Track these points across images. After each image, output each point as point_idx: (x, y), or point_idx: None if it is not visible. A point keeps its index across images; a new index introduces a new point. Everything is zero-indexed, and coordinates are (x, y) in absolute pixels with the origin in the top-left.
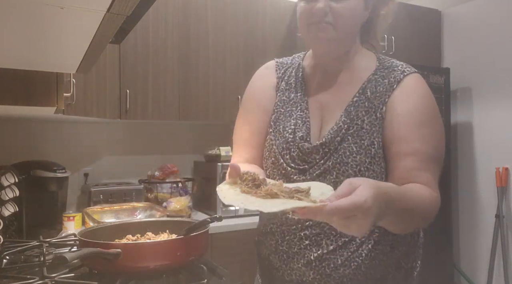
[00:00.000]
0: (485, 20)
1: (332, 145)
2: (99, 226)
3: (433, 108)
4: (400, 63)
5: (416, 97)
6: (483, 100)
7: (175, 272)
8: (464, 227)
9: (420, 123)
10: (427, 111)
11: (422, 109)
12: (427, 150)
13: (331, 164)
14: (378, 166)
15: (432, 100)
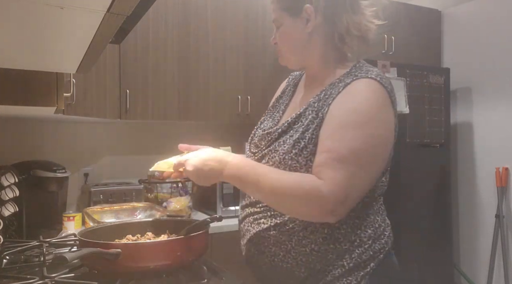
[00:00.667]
0: (485, 20)
1: (274, 135)
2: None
3: (367, 113)
4: (367, 70)
5: (351, 100)
6: (483, 100)
7: (175, 272)
8: (464, 227)
9: (344, 124)
10: (357, 115)
11: (352, 112)
12: (340, 150)
13: (267, 151)
14: (304, 158)
15: (370, 105)
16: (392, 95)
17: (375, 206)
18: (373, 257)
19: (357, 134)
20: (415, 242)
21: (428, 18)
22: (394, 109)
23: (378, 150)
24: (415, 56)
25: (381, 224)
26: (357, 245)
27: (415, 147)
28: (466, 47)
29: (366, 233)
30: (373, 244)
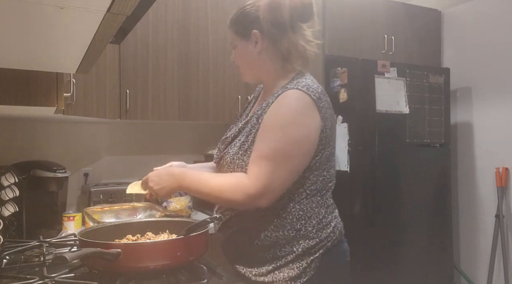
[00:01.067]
0: (485, 20)
1: (228, 139)
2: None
3: (288, 118)
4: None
5: (277, 107)
6: (483, 100)
7: (175, 272)
8: (464, 227)
9: (268, 127)
10: (279, 119)
11: (275, 117)
12: (262, 149)
13: (223, 153)
14: (248, 158)
15: (291, 111)
16: (320, 103)
17: (321, 200)
18: (320, 245)
19: (277, 135)
20: (415, 242)
21: (428, 18)
22: (320, 114)
23: (296, 149)
24: (415, 56)
25: (326, 215)
26: (303, 233)
27: (415, 147)
28: (466, 47)
29: (311, 223)
30: (318, 233)
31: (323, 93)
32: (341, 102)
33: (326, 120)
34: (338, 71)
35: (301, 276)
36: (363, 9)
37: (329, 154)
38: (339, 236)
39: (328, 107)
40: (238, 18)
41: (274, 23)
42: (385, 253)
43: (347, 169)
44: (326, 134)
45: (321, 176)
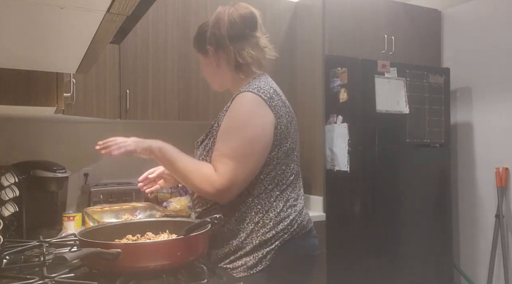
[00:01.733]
0: (485, 20)
1: (198, 143)
2: (99, 226)
3: (242, 119)
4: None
5: (231, 110)
6: (483, 100)
7: (175, 272)
8: (464, 227)
9: (226, 129)
10: (235, 121)
11: (231, 119)
12: (223, 149)
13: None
14: (210, 158)
15: (244, 112)
16: (271, 102)
17: (280, 195)
18: (277, 237)
19: (234, 136)
20: (415, 242)
21: (428, 18)
22: (273, 112)
23: (253, 148)
24: (415, 56)
25: (284, 209)
26: (260, 226)
27: (415, 147)
28: (466, 47)
29: (268, 217)
30: (276, 226)
31: (276, 93)
32: (341, 102)
33: (281, 118)
34: (338, 71)
35: (257, 265)
36: (363, 9)
37: (287, 149)
38: (297, 229)
39: (283, 105)
40: (197, 38)
41: (219, 38)
42: (385, 253)
43: (347, 169)
44: (281, 131)
45: (280, 170)
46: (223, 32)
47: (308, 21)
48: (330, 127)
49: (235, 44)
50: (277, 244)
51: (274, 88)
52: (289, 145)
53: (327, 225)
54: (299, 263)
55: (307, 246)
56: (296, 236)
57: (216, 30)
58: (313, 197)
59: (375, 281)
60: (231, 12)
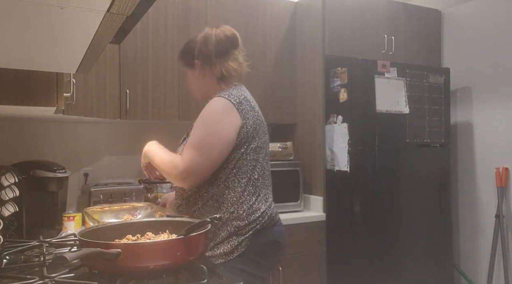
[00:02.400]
0: (485, 20)
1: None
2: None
3: (209, 117)
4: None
5: (202, 112)
6: (483, 100)
7: (175, 272)
8: (464, 227)
9: (195, 126)
10: (202, 119)
11: (200, 117)
12: (190, 141)
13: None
14: None
15: (211, 112)
16: (240, 106)
17: (252, 190)
18: (250, 227)
19: (200, 130)
20: (415, 242)
21: (428, 18)
22: (240, 115)
23: (215, 140)
24: (415, 56)
25: (256, 203)
26: (235, 215)
27: (415, 147)
28: (466, 47)
29: (242, 208)
30: (248, 216)
31: (246, 99)
32: (341, 102)
33: (248, 120)
34: (338, 71)
35: (233, 252)
36: (363, 9)
37: (255, 147)
38: (268, 220)
39: (251, 110)
40: (184, 53)
41: (206, 53)
42: (385, 253)
43: (347, 169)
44: (247, 130)
45: (251, 166)
46: (211, 49)
47: (308, 21)
48: (330, 127)
49: (220, 59)
50: (250, 233)
51: (245, 95)
52: (257, 143)
53: (327, 225)
54: (268, 248)
55: (274, 233)
56: (266, 226)
57: (204, 47)
58: (313, 197)
59: (375, 281)
60: (218, 33)
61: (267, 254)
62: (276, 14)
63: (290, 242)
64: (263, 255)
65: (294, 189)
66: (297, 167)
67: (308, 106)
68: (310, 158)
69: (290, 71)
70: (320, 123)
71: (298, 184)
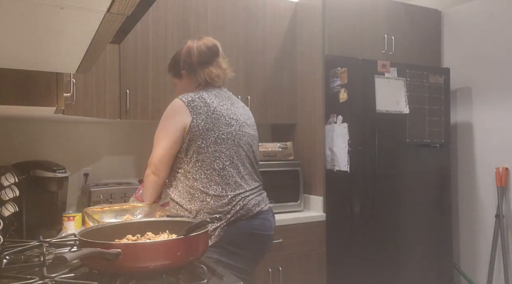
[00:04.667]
0: (485, 20)
1: None
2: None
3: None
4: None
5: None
6: (483, 100)
7: (175, 272)
8: (464, 227)
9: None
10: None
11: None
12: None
13: None
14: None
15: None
16: (191, 103)
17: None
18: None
19: (158, 128)
20: (415, 242)
21: (428, 18)
22: (190, 112)
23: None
24: (415, 56)
25: (224, 192)
26: (205, 204)
27: (415, 147)
28: (466, 47)
29: (209, 195)
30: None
31: (201, 98)
32: (341, 102)
33: (199, 115)
34: (338, 71)
35: None
36: (363, 9)
37: (215, 139)
38: (241, 211)
39: (204, 106)
40: (172, 65)
41: (191, 64)
42: (385, 253)
43: (347, 169)
44: (197, 124)
45: (213, 157)
46: (193, 59)
47: (308, 21)
48: (330, 127)
49: (203, 67)
50: (223, 222)
51: (203, 96)
52: (217, 135)
53: (327, 225)
54: (245, 239)
55: (251, 225)
56: (242, 217)
57: (188, 58)
58: (313, 197)
59: (375, 281)
60: (199, 45)
61: (244, 245)
62: (276, 14)
63: (290, 242)
64: (239, 246)
65: (294, 189)
66: (297, 167)
67: (308, 106)
68: (310, 158)
69: (290, 71)
70: (320, 123)
71: (298, 184)
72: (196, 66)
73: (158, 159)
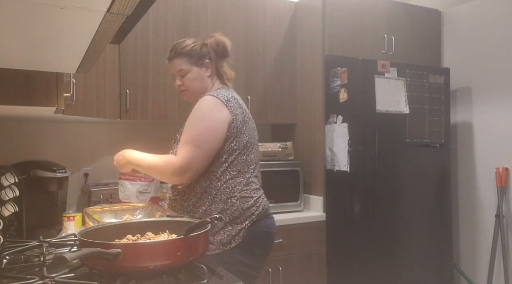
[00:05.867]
0: (485, 20)
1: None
2: (99, 226)
3: (200, 114)
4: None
5: (193, 110)
6: (483, 100)
7: (175, 272)
8: (464, 227)
9: (188, 122)
10: (194, 116)
11: (192, 115)
12: (185, 137)
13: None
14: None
15: (202, 109)
16: (228, 103)
17: (243, 180)
18: (245, 216)
19: (193, 127)
20: (415, 242)
21: (428, 18)
22: (230, 111)
23: (208, 135)
24: (415, 56)
25: (248, 192)
26: (229, 205)
27: (415, 147)
28: (466, 47)
29: (235, 197)
30: (242, 205)
31: (234, 98)
32: (341, 102)
33: (236, 116)
34: (338, 71)
35: (230, 242)
36: (363, 9)
37: (246, 142)
38: (262, 212)
39: (239, 107)
40: (190, 52)
41: (220, 54)
42: (385, 253)
43: (347, 169)
44: (236, 125)
45: (241, 160)
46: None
47: (308, 21)
48: (330, 127)
49: (224, 63)
50: (247, 223)
51: (233, 95)
52: (247, 139)
53: (327, 225)
54: (263, 239)
55: (267, 224)
56: (261, 217)
57: (218, 50)
58: (313, 197)
59: (375, 281)
60: (225, 40)
61: (261, 244)
62: (276, 14)
63: (290, 242)
64: (257, 245)
65: (294, 189)
66: (297, 167)
67: (308, 106)
68: (310, 158)
69: (290, 71)
70: (320, 123)
71: (298, 184)
72: (223, 59)
73: (201, 164)
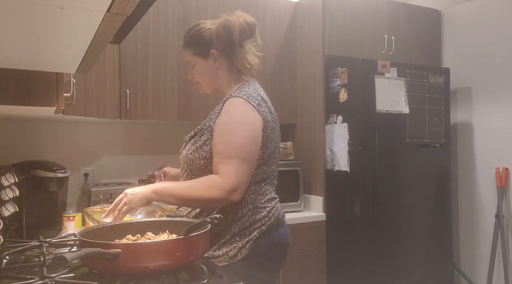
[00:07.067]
0: (485, 20)
1: (187, 139)
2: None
3: (236, 121)
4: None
5: (224, 114)
6: (483, 100)
7: (175, 272)
8: (464, 227)
9: (224, 132)
10: (230, 124)
11: (226, 122)
12: (226, 150)
13: (182, 150)
14: (198, 153)
15: (237, 115)
16: (260, 108)
17: (258, 189)
18: (255, 227)
19: (234, 136)
20: (415, 242)
21: (428, 18)
22: (261, 116)
23: (252, 146)
24: (415, 56)
25: (262, 202)
26: (239, 216)
27: (415, 147)
28: (466, 47)
29: (247, 207)
30: (253, 216)
31: (263, 100)
32: (341, 102)
33: (267, 122)
34: (338, 71)
35: (237, 255)
36: (363, 9)
37: (271, 152)
38: (274, 221)
39: (269, 112)
40: (195, 41)
41: (227, 42)
42: (385, 253)
43: (347, 169)
44: (266, 133)
45: (261, 170)
46: (233, 37)
47: (308, 21)
48: (330, 127)
49: (240, 49)
50: (255, 234)
51: (262, 95)
52: (273, 148)
53: (327, 225)
54: (274, 251)
55: (280, 235)
56: (272, 227)
57: (225, 36)
58: (313, 197)
59: (375, 281)
60: (240, 21)
61: (273, 256)
62: (276, 14)
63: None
64: (269, 257)
65: (294, 189)
66: (297, 167)
67: (308, 106)
68: (310, 158)
69: (290, 71)
70: (320, 123)
71: (298, 184)
72: (235, 47)
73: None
